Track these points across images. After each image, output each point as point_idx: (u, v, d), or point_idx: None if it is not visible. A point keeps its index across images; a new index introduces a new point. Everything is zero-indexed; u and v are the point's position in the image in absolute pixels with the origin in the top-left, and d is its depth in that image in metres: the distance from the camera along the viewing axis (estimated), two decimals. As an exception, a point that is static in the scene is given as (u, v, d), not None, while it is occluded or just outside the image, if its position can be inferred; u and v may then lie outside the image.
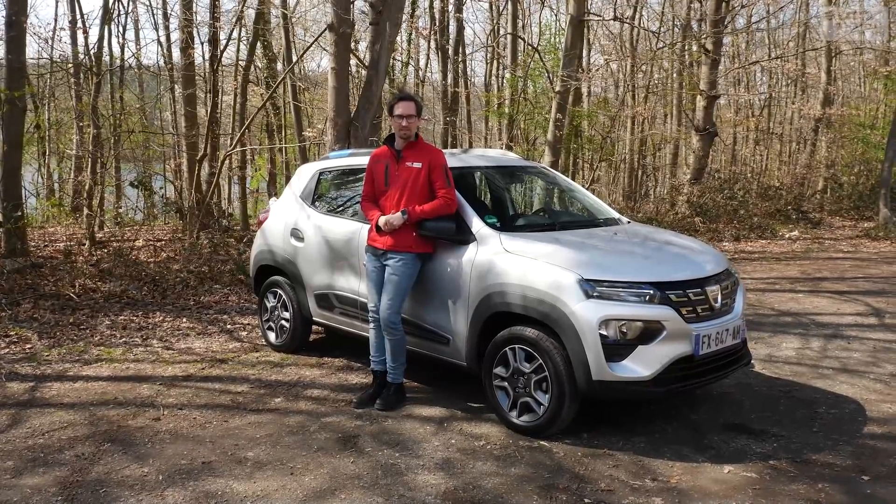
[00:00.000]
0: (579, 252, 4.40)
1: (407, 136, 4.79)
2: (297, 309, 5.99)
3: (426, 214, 4.66)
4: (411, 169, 4.76)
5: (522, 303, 4.30)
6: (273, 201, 6.53)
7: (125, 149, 16.22)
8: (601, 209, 5.55)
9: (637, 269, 4.27)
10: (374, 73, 9.40)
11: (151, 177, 20.19)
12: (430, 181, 4.76)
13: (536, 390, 4.28)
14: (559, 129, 15.17)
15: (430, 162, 4.76)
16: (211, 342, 6.77)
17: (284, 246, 6.05)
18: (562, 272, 4.18)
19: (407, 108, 4.75)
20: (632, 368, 4.07)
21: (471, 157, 5.67)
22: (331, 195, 6.01)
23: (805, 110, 21.79)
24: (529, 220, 5.36)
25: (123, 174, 20.82)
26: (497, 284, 4.42)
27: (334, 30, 9.26)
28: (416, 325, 4.95)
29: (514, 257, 4.41)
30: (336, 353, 6.16)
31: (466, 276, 4.61)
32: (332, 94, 9.38)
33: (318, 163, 6.21)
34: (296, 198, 6.13)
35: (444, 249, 4.80)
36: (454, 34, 18.55)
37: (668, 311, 4.13)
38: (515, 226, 5.07)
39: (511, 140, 17.35)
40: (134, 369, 5.84)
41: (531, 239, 4.58)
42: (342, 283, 5.54)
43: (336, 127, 9.30)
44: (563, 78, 14.66)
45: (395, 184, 4.78)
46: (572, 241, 4.63)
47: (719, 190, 16.99)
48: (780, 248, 14.01)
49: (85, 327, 7.26)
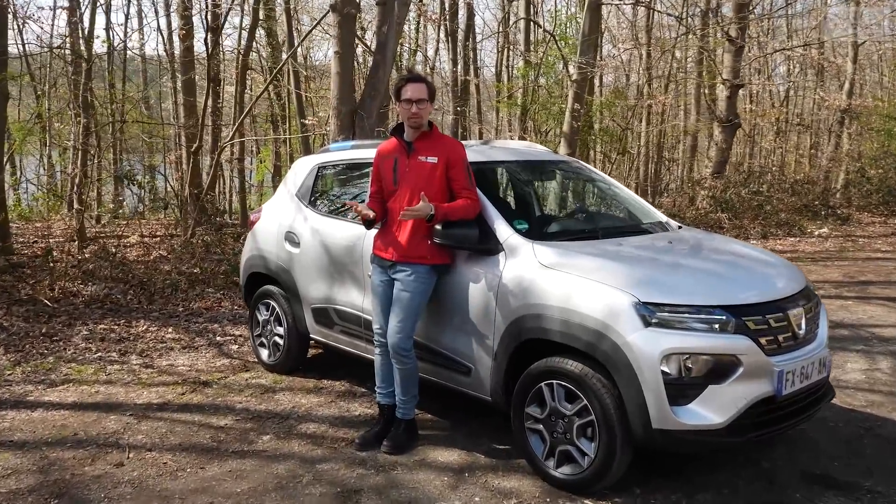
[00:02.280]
0: (633, 267, 3.59)
1: (418, 125, 3.99)
2: (293, 324, 5.21)
3: (452, 214, 3.87)
4: (425, 164, 3.96)
5: (563, 330, 3.50)
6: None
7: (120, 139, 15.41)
8: (646, 211, 4.74)
9: (706, 290, 3.46)
10: (380, 58, 8.58)
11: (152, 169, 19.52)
12: (447, 179, 3.97)
13: (579, 437, 3.48)
14: (576, 119, 14.34)
15: (447, 156, 3.96)
16: (196, 358, 6.00)
17: (278, 252, 5.27)
18: (613, 293, 3.37)
19: (417, 90, 3.95)
20: (701, 414, 3.27)
21: (493, 151, 4.85)
22: (331, 193, 5.22)
23: (830, 101, 20.82)
24: (565, 225, 4.52)
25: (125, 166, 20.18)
26: (531, 306, 3.63)
27: (338, 10, 8.45)
28: (430, 349, 4.16)
29: (552, 273, 3.61)
30: (337, 374, 5.38)
31: (492, 295, 3.81)
32: (336, 80, 8.58)
33: (316, 156, 5.41)
34: (291, 196, 5.34)
35: (464, 261, 4.00)
36: (464, 20, 17.71)
37: (745, 342, 3.33)
38: (550, 233, 4.24)
39: (524, 131, 16.50)
40: (104, 394, 5.07)
41: (571, 250, 3.78)
42: (343, 297, 4.76)
43: (339, 116, 8.51)
44: (580, 65, 13.82)
45: (405, 182, 3.99)
46: (621, 252, 3.82)
47: (744, 184, 16.13)
48: (813, 247, 13.16)
49: (58, 339, 6.50)
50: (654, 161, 19.75)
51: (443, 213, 3.84)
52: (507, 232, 3.89)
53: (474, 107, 21.76)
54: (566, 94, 15.99)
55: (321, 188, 5.22)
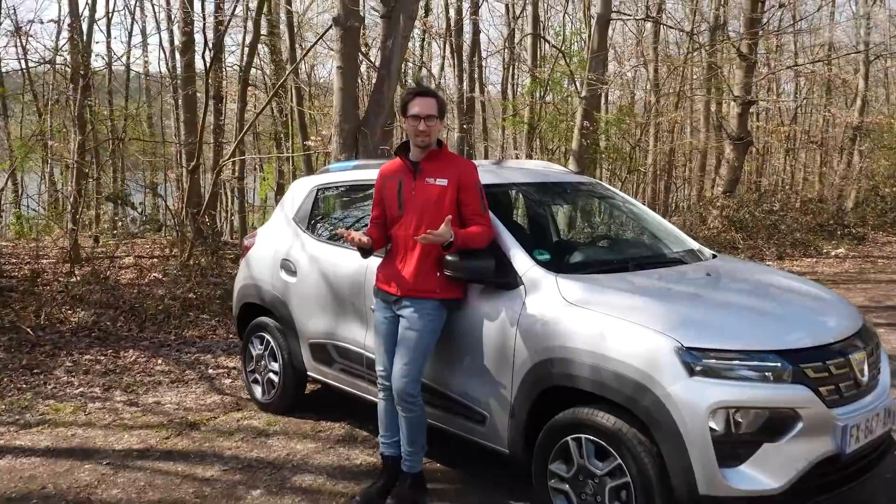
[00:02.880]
0: (672, 305, 3.16)
1: (426, 144, 3.58)
2: (288, 360, 4.77)
3: (470, 242, 3.45)
4: (433, 187, 3.55)
5: (593, 377, 3.06)
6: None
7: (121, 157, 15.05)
8: (676, 237, 4.31)
9: (756, 331, 3.02)
10: (385, 74, 8.21)
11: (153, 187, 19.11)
12: (458, 204, 3.55)
13: (612, 501, 3.03)
14: (585, 137, 13.96)
15: (459, 179, 3.55)
16: (186, 394, 5.56)
17: (273, 281, 4.84)
18: (651, 336, 2.94)
19: (426, 105, 3.54)
20: (754, 477, 2.82)
21: (507, 172, 4.42)
22: (331, 218, 4.81)
23: (842, 118, 20.43)
24: (591, 254, 4.07)
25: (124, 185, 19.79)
26: (556, 349, 3.19)
27: (340, 24, 8.11)
28: (439, 393, 3.73)
29: (580, 312, 3.17)
30: (337, 414, 4.93)
31: (510, 335, 3.38)
32: (338, 96, 8.22)
33: (315, 177, 5.00)
34: (288, 220, 4.92)
35: (477, 296, 3.58)
36: (470, 35, 17.39)
37: (804, 393, 2.89)
38: (574, 264, 3.79)
39: (531, 149, 16.12)
40: (81, 437, 4.63)
41: (600, 284, 3.35)
42: (344, 333, 4.33)
43: (342, 134, 8.13)
44: (590, 82, 13.46)
45: (411, 207, 3.57)
46: (657, 287, 3.39)
47: (757, 203, 15.70)
48: (831, 269, 12.71)
49: (39, 371, 6.08)
50: (664, 179, 19.34)
51: (461, 240, 3.42)
52: (526, 263, 3.46)
53: (479, 124, 21.42)
54: (574, 111, 15.65)
55: (320, 212, 4.81)
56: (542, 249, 3.62)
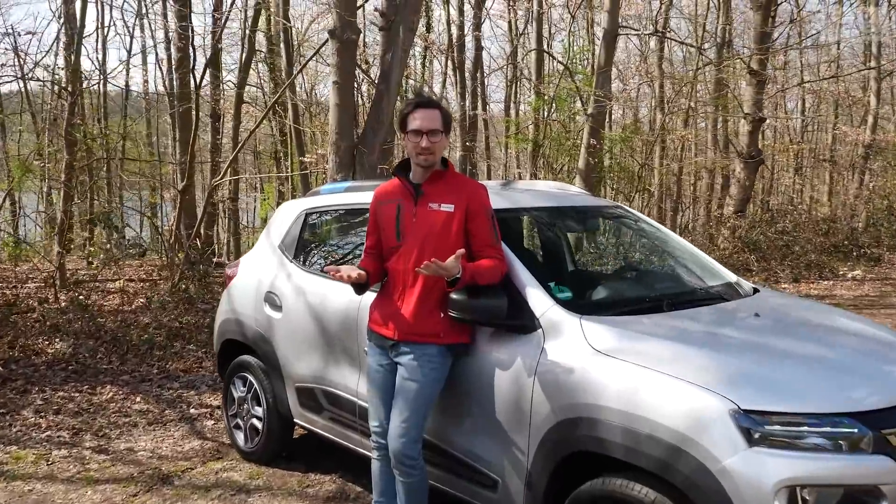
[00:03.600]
0: (721, 354, 2.64)
1: (429, 164, 3.09)
2: (273, 405, 4.26)
3: (480, 278, 2.96)
4: (437, 214, 3.05)
5: (627, 443, 2.54)
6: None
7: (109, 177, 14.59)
8: (711, 268, 3.80)
9: (827, 389, 2.51)
10: (384, 88, 7.75)
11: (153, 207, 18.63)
12: (465, 234, 3.06)
13: None
14: (592, 155, 13.50)
15: (467, 203, 3.05)
16: (162, 439, 5.04)
17: (256, 315, 4.34)
18: (700, 395, 2.43)
19: (429, 118, 3.05)
20: (830, 571, 2.30)
21: (519, 195, 3.92)
22: (321, 246, 4.31)
23: (854, 136, 19.98)
24: (619, 291, 3.53)
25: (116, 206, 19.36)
26: (581, 406, 2.68)
27: (336, 36, 7.66)
28: (443, 452, 3.21)
29: (610, 362, 2.66)
30: (327, 466, 4.40)
31: (526, 387, 2.87)
32: (334, 112, 7.75)
33: (304, 200, 4.50)
34: (273, 248, 4.43)
35: (487, 340, 3.07)
36: (472, 51, 16.99)
37: (888, 464, 2.38)
38: (600, 303, 3.28)
39: (536, 168, 15.65)
40: (39, 494, 4.11)
41: (633, 328, 2.84)
42: (334, 377, 3.82)
43: (338, 152, 7.66)
44: (597, 98, 13.02)
45: (412, 236, 3.08)
46: (700, 331, 2.88)
47: (770, 223, 15.20)
48: (850, 292, 12.18)
49: (6, 411, 5.57)
50: (672, 199, 18.86)
51: (470, 275, 2.92)
52: (545, 303, 2.96)
53: (481, 142, 20.98)
54: (580, 128, 15.21)
55: (309, 239, 4.31)
56: (563, 286, 3.11)
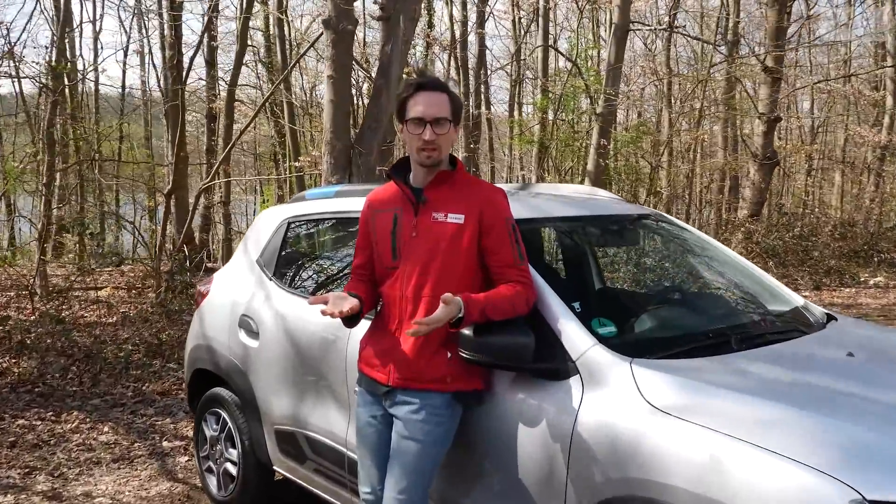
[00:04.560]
0: (823, 416, 1.98)
1: (434, 162, 2.43)
2: (249, 448, 3.61)
3: (492, 312, 2.30)
4: (444, 226, 2.40)
5: (703, 538, 1.89)
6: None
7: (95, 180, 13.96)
8: (773, 289, 3.14)
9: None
10: (383, 83, 7.10)
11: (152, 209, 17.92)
12: (479, 251, 2.41)
13: None
14: (602, 156, 12.87)
15: (481, 213, 2.40)
16: (127, 479, 4.39)
17: (230, 342, 3.69)
18: (806, 478, 1.77)
19: (434, 103, 2.39)
20: None
21: (543, 202, 3.24)
22: (305, 262, 3.67)
23: (870, 137, 19.31)
24: (674, 323, 2.76)
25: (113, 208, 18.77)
26: (635, 483, 2.03)
27: (331, 27, 7.03)
28: (451, 523, 2.56)
29: (675, 425, 2.01)
30: (313, 518, 3.75)
31: (559, 452, 2.22)
32: (329, 109, 7.13)
33: (286, 206, 3.84)
34: (251, 263, 3.78)
35: (508, 387, 2.42)
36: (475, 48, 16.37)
37: None
38: (653, 340, 2.59)
39: (543, 170, 15.02)
40: (-32, 557, 3.47)
41: (702, 377, 2.18)
42: (318, 420, 3.17)
43: (333, 153, 7.03)
44: (608, 96, 12.38)
45: (412, 253, 2.43)
46: (787, 381, 2.23)
47: (787, 227, 14.55)
48: (875, 300, 11.52)
49: (-46, 445, 4.93)
50: (684, 202, 18.20)
51: (478, 311, 2.27)
52: (583, 341, 2.30)
53: (485, 143, 20.35)
54: (589, 128, 14.59)
55: (291, 253, 3.67)
56: (605, 318, 2.46)
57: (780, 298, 3.07)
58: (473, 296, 2.29)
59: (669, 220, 3.43)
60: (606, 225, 3.23)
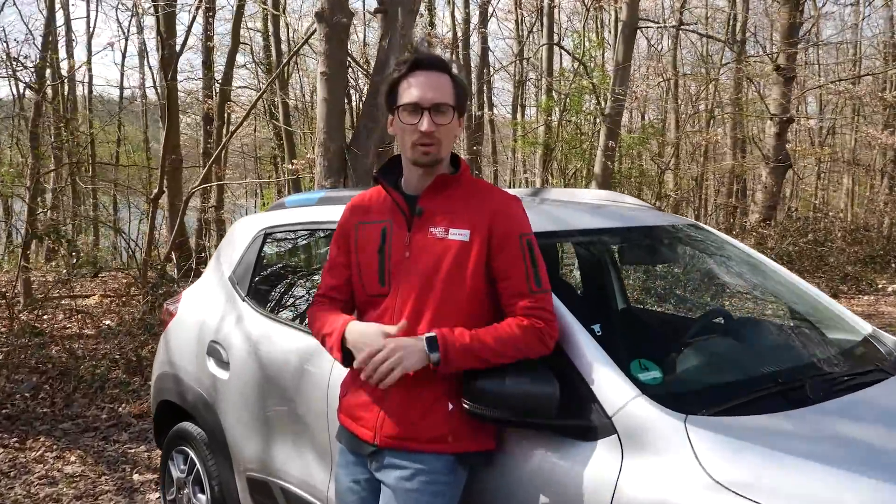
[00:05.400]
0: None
1: (431, 161, 1.93)
2: (219, 495, 3.11)
3: (494, 353, 1.82)
4: (443, 245, 1.91)
5: None
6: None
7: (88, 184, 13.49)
8: (832, 312, 2.64)
9: None
10: (380, 80, 6.59)
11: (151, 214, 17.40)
12: (487, 273, 1.91)
13: None
14: (610, 159, 12.40)
15: (490, 226, 1.91)
16: (87, 523, 3.91)
17: (198, 372, 3.20)
18: None
19: (432, 86, 1.90)
20: None
21: (560, 210, 2.74)
22: (284, 280, 3.18)
23: (884, 139, 18.81)
24: (722, 360, 2.24)
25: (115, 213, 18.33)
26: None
27: (325, 19, 6.57)
28: None
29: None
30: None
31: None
32: (322, 108, 6.65)
33: (263, 215, 3.34)
34: (222, 280, 3.28)
35: (524, 447, 1.92)
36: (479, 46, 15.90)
37: None
38: (708, 388, 2.05)
39: (548, 173, 14.53)
40: None
41: (776, 443, 1.68)
42: (296, 471, 2.67)
43: (327, 154, 6.56)
44: (617, 96, 11.90)
45: (403, 279, 1.93)
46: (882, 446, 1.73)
47: (802, 232, 14.05)
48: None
49: None
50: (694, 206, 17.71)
51: (472, 354, 1.79)
52: (622, 391, 1.80)
53: (488, 146, 19.88)
54: (596, 129, 14.10)
55: (267, 269, 3.18)
56: (647, 360, 1.96)
57: (843, 325, 2.57)
58: (457, 332, 1.80)
59: (707, 231, 2.92)
60: (639, 239, 2.72)
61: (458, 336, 1.79)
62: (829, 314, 2.64)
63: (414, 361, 1.77)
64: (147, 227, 14.94)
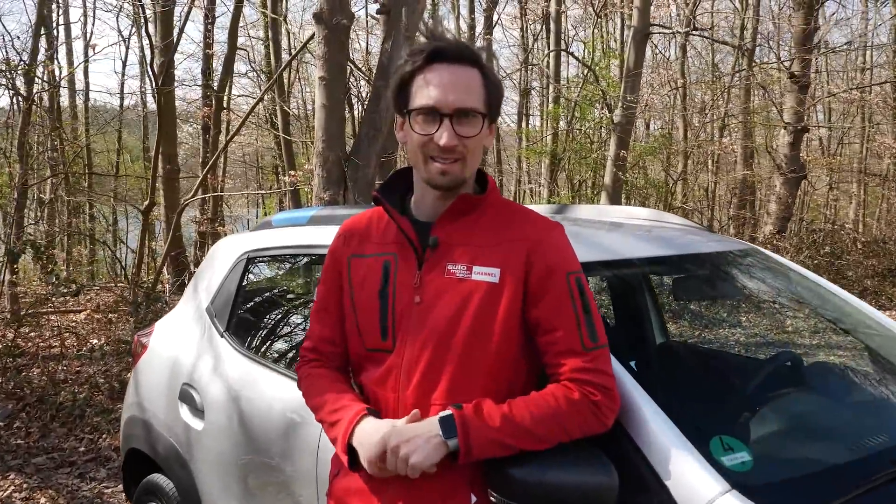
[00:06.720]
0: None
1: (453, 183, 1.47)
2: (194, 563, 2.66)
3: (530, 440, 1.36)
4: (466, 287, 1.45)
5: None
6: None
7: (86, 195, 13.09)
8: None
9: None
10: (382, 85, 6.18)
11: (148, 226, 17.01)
12: (523, 324, 1.46)
13: None
14: (620, 169, 11.98)
15: (526, 264, 1.45)
16: (50, 582, 3.45)
17: (169, 419, 2.74)
18: None
19: (459, 83, 1.44)
20: None
21: (593, 233, 2.30)
22: (268, 313, 2.73)
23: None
24: (813, 426, 1.75)
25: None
26: None
27: (324, 21, 6.19)
28: None
29: None
30: None
31: None
32: (321, 115, 6.26)
33: (246, 236, 2.89)
34: (199, 311, 2.84)
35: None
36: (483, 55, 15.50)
37: None
38: (807, 472, 1.54)
39: (555, 183, 14.12)
40: None
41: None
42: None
43: (326, 164, 6.15)
44: (628, 104, 11.49)
45: (413, 331, 1.47)
46: None
47: (819, 244, 13.63)
48: (921, 325, 10.58)
49: None
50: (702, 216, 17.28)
51: (503, 443, 1.36)
52: (706, 485, 1.35)
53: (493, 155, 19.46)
54: (605, 138, 13.71)
55: (250, 299, 2.73)
56: (736, 439, 1.50)
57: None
58: (484, 409, 1.35)
59: (771, 258, 2.46)
60: (695, 269, 2.24)
61: (486, 417, 1.34)
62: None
63: (424, 456, 1.32)
64: (145, 240, 14.56)
